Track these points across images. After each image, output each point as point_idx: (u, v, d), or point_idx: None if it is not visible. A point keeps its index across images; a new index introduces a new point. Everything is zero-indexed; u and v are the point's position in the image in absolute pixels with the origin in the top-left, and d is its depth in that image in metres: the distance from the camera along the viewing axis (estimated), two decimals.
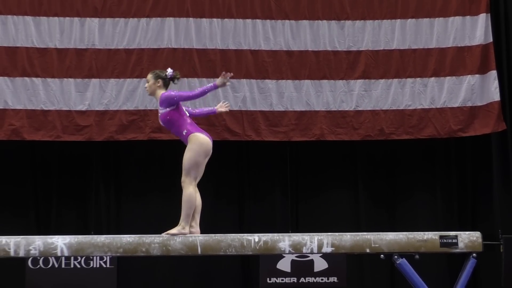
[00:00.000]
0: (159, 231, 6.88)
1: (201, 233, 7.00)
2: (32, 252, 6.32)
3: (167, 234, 6.75)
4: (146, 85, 7.38)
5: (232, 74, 7.26)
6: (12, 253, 6.29)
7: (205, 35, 10.61)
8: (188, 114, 7.27)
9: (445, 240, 6.77)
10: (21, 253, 6.31)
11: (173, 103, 7.10)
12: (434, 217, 11.14)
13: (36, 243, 6.31)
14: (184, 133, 7.13)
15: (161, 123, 7.28)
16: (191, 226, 7.01)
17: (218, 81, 7.16)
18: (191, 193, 6.99)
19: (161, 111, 7.17)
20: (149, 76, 7.33)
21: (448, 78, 10.71)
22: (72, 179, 10.95)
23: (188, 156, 7.07)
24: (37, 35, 10.39)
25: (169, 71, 7.31)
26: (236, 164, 11.22)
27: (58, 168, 10.94)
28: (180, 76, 7.51)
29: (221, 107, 7.84)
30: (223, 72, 7.19)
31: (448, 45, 10.74)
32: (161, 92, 7.22)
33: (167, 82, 7.31)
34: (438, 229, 9.04)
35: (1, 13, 10.34)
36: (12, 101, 10.28)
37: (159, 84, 7.27)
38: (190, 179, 7.04)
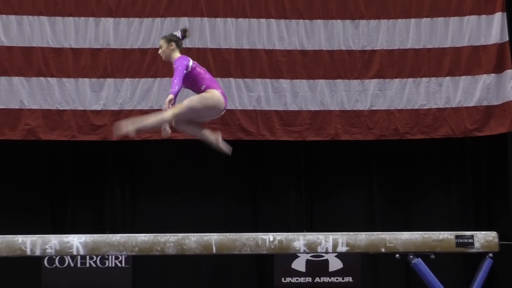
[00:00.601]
0: (174, 231, 6.89)
1: (215, 233, 7.00)
2: (48, 251, 6.34)
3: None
4: (160, 51, 7.37)
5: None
6: (28, 252, 6.31)
7: (219, 35, 10.61)
8: (205, 69, 7.27)
9: (461, 240, 6.74)
10: (37, 252, 6.32)
11: (179, 80, 7.06)
12: (450, 216, 11.10)
13: (52, 242, 6.32)
14: (202, 89, 7.15)
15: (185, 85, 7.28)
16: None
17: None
18: (164, 118, 6.99)
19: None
20: (162, 41, 7.34)
21: (463, 77, 10.67)
22: (87, 179, 10.99)
23: (194, 97, 7.12)
24: (52, 35, 10.42)
25: (179, 32, 7.32)
26: (250, 164, 11.22)
27: (74, 168, 10.97)
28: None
29: None
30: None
31: (463, 44, 10.69)
32: (176, 56, 7.26)
33: (180, 44, 7.34)
34: (454, 228, 9.00)
35: (16, 13, 10.38)
36: (28, 101, 10.32)
37: (172, 47, 7.28)
38: (175, 114, 7.00)
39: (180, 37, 7.33)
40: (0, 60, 10.28)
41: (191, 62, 7.19)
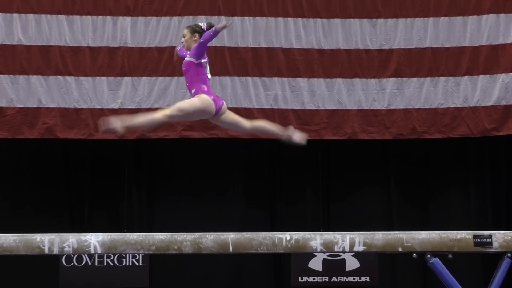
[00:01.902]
0: (190, 231, 6.89)
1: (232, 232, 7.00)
2: (66, 249, 6.35)
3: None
4: (183, 39, 7.31)
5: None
6: (46, 251, 6.32)
7: (236, 34, 10.61)
8: (209, 77, 7.23)
9: (479, 240, 6.69)
10: (55, 251, 6.34)
11: (203, 51, 7.06)
12: (468, 216, 11.06)
13: (70, 240, 6.34)
14: (192, 92, 7.11)
15: (183, 69, 7.25)
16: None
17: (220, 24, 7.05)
18: (155, 118, 6.97)
19: (187, 58, 7.15)
20: (186, 31, 7.25)
21: (481, 76, 10.62)
22: (105, 178, 11.03)
23: (184, 101, 7.13)
24: (70, 34, 10.46)
25: (204, 24, 7.29)
26: (267, 164, 11.21)
27: (91, 168, 11.01)
28: (212, 74, 7.49)
29: None
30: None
31: (482, 43, 10.64)
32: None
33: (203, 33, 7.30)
34: (472, 228, 8.95)
35: (35, 12, 10.42)
36: (46, 99, 10.36)
37: (195, 38, 7.22)
38: (165, 115, 6.99)
39: (205, 29, 7.29)
40: (18, 59, 10.34)
41: (206, 59, 7.18)
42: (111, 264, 10.56)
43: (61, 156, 11.04)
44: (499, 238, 6.70)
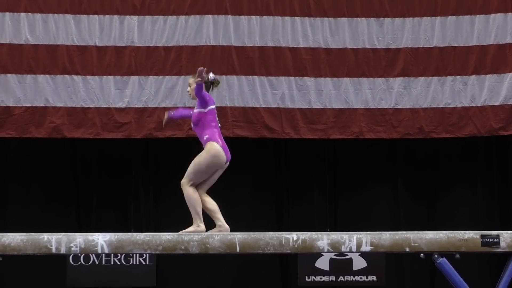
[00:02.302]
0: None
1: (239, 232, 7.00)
2: (73, 249, 6.36)
3: (185, 232, 6.81)
4: (189, 89, 7.40)
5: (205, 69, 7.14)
6: (53, 250, 6.34)
7: (243, 33, 10.61)
8: (219, 125, 7.28)
9: (486, 240, 6.68)
10: (63, 250, 6.35)
11: (205, 99, 7.12)
12: (475, 216, 11.04)
13: (77, 240, 6.35)
14: (205, 138, 7.17)
15: (192, 124, 7.30)
16: (218, 226, 7.07)
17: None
18: (189, 192, 7.12)
19: (196, 110, 7.21)
20: (191, 80, 7.35)
21: (489, 76, 10.60)
22: (112, 179, 11.03)
23: (197, 161, 7.16)
24: (77, 33, 10.47)
25: (211, 75, 7.32)
26: (274, 164, 11.20)
27: (98, 168, 11.02)
28: (219, 73, 7.51)
29: None
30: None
31: (489, 42, 10.62)
32: None
33: (208, 85, 7.31)
34: (479, 228, 8.92)
35: (42, 12, 10.44)
36: (53, 98, 10.38)
37: None
38: (188, 182, 7.14)
39: (211, 81, 7.32)
40: (26, 59, 10.36)
41: (214, 105, 7.22)
42: (118, 263, 10.57)
43: (69, 156, 11.06)
44: (506, 238, 6.68)
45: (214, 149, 7.13)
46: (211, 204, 7.24)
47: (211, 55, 10.52)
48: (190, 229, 6.96)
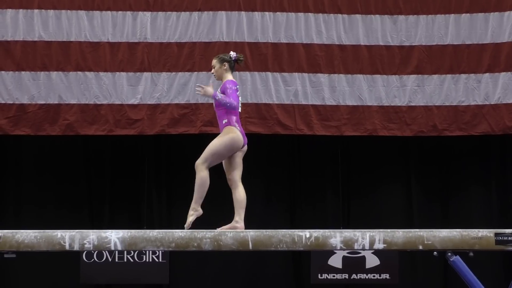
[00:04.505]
0: (210, 228, 6.89)
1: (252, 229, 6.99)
2: (86, 246, 6.36)
3: (188, 225, 6.94)
4: (213, 70, 7.36)
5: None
6: (67, 247, 6.34)
7: (256, 29, 10.60)
8: (240, 111, 7.29)
9: (500, 238, 6.64)
10: (76, 247, 6.35)
11: (225, 99, 7.13)
12: (489, 214, 11.00)
13: (90, 237, 6.35)
14: (223, 122, 7.19)
15: (214, 105, 7.30)
16: (235, 221, 7.09)
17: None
18: (203, 176, 7.16)
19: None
20: (214, 61, 7.33)
21: (503, 73, 10.55)
22: (125, 177, 11.05)
23: (214, 142, 7.18)
24: (90, 29, 10.49)
25: (232, 53, 7.33)
26: (287, 162, 11.20)
27: (111, 166, 11.05)
28: (232, 70, 7.49)
29: None
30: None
31: (504, 40, 10.57)
32: (227, 77, 7.25)
33: (232, 64, 7.32)
34: (493, 226, 8.93)
35: (55, 8, 10.46)
36: (66, 95, 10.39)
37: (225, 67, 7.28)
38: (204, 162, 7.17)
39: (234, 59, 7.33)
40: (39, 55, 10.38)
41: (238, 91, 7.23)
42: (131, 260, 10.59)
43: (82, 155, 11.10)
44: None
45: (232, 131, 7.17)
46: (241, 195, 7.32)
47: (224, 51, 10.47)
48: (190, 218, 7.04)
